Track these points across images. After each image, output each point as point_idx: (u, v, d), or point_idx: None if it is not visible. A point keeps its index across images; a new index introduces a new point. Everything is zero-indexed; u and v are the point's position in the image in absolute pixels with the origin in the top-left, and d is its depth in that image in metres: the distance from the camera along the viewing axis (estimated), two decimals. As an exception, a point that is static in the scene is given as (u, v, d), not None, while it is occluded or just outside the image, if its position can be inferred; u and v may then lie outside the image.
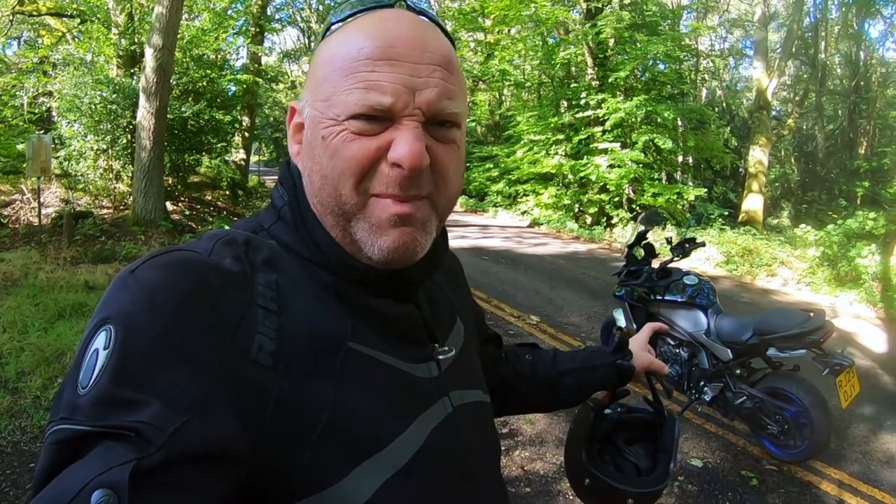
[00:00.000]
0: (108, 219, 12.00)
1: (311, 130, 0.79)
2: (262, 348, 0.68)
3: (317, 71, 0.80)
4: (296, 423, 0.68)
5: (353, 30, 0.78)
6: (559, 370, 1.37)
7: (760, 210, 19.31)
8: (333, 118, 0.75)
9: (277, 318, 0.72)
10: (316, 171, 0.78)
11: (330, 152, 0.75)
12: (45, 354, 5.24)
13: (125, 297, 0.64)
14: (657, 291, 5.06)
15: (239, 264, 0.73)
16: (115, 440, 0.55)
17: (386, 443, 0.75)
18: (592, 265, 12.27)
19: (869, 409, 5.50)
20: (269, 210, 0.88)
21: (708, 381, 4.64)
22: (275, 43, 34.99)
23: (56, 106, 13.43)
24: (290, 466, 0.67)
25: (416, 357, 0.86)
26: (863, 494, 4.17)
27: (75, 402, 0.58)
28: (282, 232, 0.83)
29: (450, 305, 1.03)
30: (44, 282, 7.55)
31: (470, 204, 25.40)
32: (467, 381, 0.97)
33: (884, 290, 10.47)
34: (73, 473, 0.53)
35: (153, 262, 0.68)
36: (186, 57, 16.06)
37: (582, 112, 18.97)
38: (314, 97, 0.79)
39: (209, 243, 0.75)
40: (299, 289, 0.77)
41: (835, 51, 29.74)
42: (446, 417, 0.86)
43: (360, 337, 0.78)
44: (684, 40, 19.86)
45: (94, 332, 0.62)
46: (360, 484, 0.71)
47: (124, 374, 0.58)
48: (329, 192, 0.77)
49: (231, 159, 20.53)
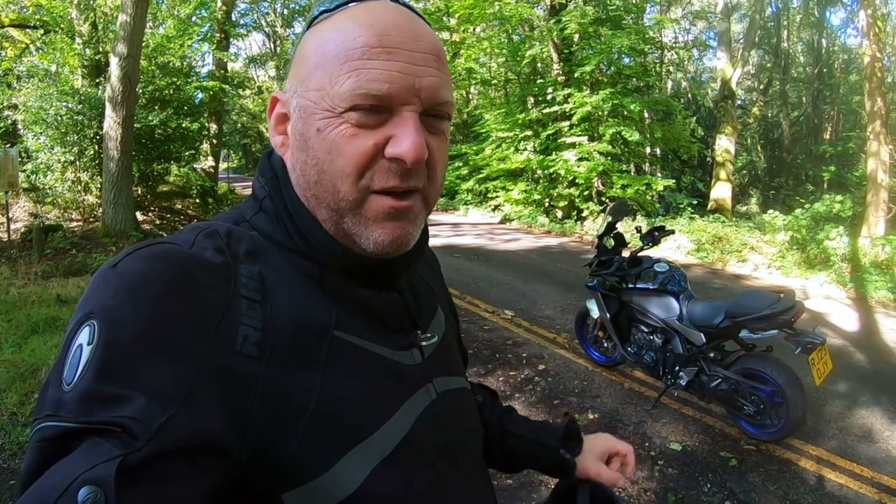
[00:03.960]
0: (78, 231, 11.88)
1: (303, 122, 0.77)
2: (248, 339, 0.68)
3: (306, 59, 0.78)
4: (283, 413, 0.68)
5: (346, 18, 0.76)
6: (504, 428, 1.25)
7: (729, 198, 19.56)
8: (329, 109, 0.74)
9: (262, 308, 0.71)
10: (311, 164, 0.77)
11: (327, 146, 0.74)
12: (20, 370, 5.13)
13: (107, 291, 0.63)
14: (629, 280, 5.08)
15: (221, 255, 0.72)
16: (101, 436, 0.54)
17: (373, 430, 0.75)
18: (564, 258, 12.32)
19: (844, 386, 5.56)
20: (250, 201, 0.87)
21: (683, 365, 4.67)
22: (240, 48, 34.75)
23: (21, 119, 13.18)
24: (278, 456, 0.67)
25: (401, 344, 0.86)
26: (841, 469, 4.20)
27: (60, 398, 0.57)
28: (262, 223, 0.82)
29: (430, 293, 1.03)
30: (15, 297, 7.42)
31: (441, 203, 25.34)
32: (450, 368, 0.98)
33: (853, 270, 10.63)
34: (60, 470, 0.52)
35: (135, 256, 0.67)
36: (152, 65, 15.90)
37: (549, 107, 19.02)
38: (304, 87, 0.77)
39: (191, 235, 0.74)
40: (283, 279, 0.76)
41: (797, 39, 30.26)
42: (431, 404, 0.86)
43: (345, 325, 0.78)
44: (648, 33, 19.94)
45: (78, 328, 0.61)
46: (349, 472, 0.71)
47: (109, 369, 0.57)
48: (326, 187, 0.76)
49: (200, 167, 20.31)
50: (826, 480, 4.06)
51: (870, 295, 9.60)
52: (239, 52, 29.75)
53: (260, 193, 0.85)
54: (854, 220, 15.13)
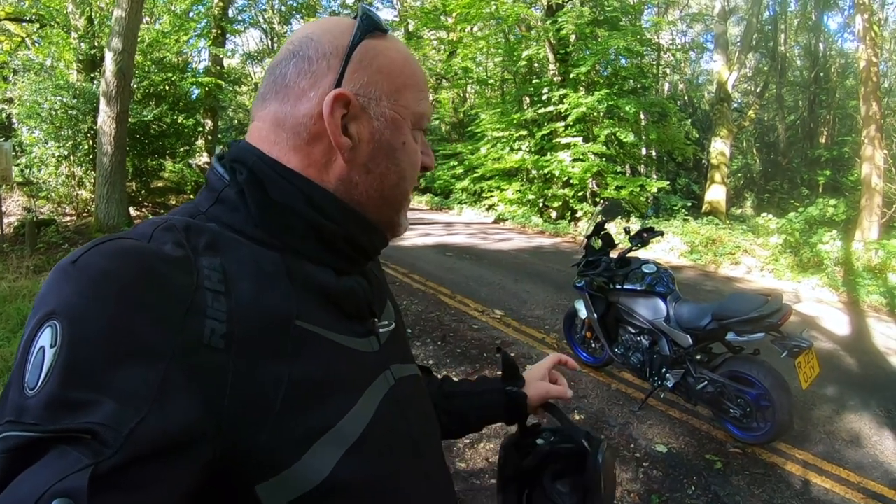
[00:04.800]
0: (71, 226, 11.88)
1: (392, 132, 0.85)
2: (214, 332, 0.66)
3: (394, 76, 0.86)
4: (253, 405, 0.67)
5: (406, 54, 0.90)
6: (444, 392, 1.29)
7: (723, 200, 19.55)
8: (412, 126, 0.88)
9: (226, 300, 0.70)
10: (394, 171, 0.87)
11: (410, 158, 0.89)
12: (8, 364, 5.14)
13: (68, 288, 0.61)
14: (616, 281, 5.06)
15: (181, 249, 0.71)
16: (70, 444, 0.52)
17: (339, 418, 0.76)
18: (557, 259, 12.28)
19: (832, 390, 5.54)
20: (206, 193, 0.85)
21: (669, 367, 4.65)
22: (237, 45, 34.61)
23: (16, 112, 13.22)
24: (250, 448, 0.66)
25: (359, 332, 0.87)
26: (828, 473, 4.18)
27: (23, 404, 0.55)
28: (221, 213, 0.80)
29: (380, 283, 1.05)
30: (6, 291, 7.39)
31: (435, 202, 25.47)
32: (404, 355, 1.01)
33: (845, 274, 10.62)
34: (27, 482, 0.50)
35: (95, 251, 0.65)
36: (147, 60, 15.89)
37: (544, 108, 19.01)
38: (394, 100, 0.85)
39: (148, 229, 0.73)
40: (244, 270, 0.75)
41: (794, 43, 30.31)
42: (390, 390, 0.89)
43: (307, 314, 0.78)
44: (645, 35, 19.98)
45: (39, 329, 0.59)
46: (318, 461, 0.72)
47: (74, 372, 0.56)
48: (402, 191, 0.90)
49: (195, 163, 20.30)
50: (812, 485, 4.04)
51: (862, 299, 9.57)
52: (236, 48, 29.58)
53: (217, 185, 0.83)
54: (848, 224, 15.14)
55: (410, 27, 28.01)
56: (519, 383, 1.33)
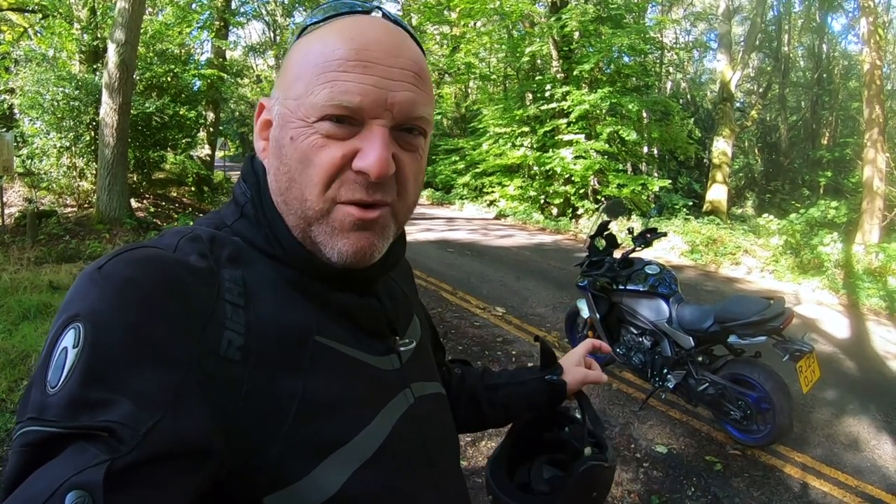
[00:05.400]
0: (73, 217, 11.81)
1: (281, 129, 0.79)
2: (231, 343, 0.68)
3: (289, 70, 0.80)
4: (266, 417, 0.68)
5: (329, 32, 0.78)
6: (486, 384, 1.32)
7: (724, 200, 19.57)
8: (303, 118, 0.75)
9: (245, 313, 0.71)
10: (283, 171, 0.78)
11: (298, 155, 0.76)
12: (9, 356, 5.10)
13: (93, 293, 0.62)
14: (619, 281, 5.06)
15: (204, 260, 0.72)
16: (88, 441, 0.54)
17: (353, 435, 0.76)
18: (558, 256, 12.29)
19: (832, 394, 5.55)
20: (231, 206, 0.87)
21: (671, 368, 4.66)
22: (240, 37, 34.58)
23: (18, 103, 13.15)
24: (261, 460, 0.67)
25: (379, 349, 0.87)
26: (826, 477, 4.19)
27: (45, 402, 0.57)
28: (244, 228, 0.82)
29: (406, 301, 1.04)
30: (7, 283, 7.35)
31: (436, 197, 25.41)
32: (426, 373, 0.99)
33: (846, 276, 10.64)
34: (46, 475, 0.52)
35: (120, 259, 0.66)
36: (150, 52, 15.79)
37: (547, 104, 18.99)
38: (285, 95, 0.79)
39: (173, 239, 0.74)
40: (264, 284, 0.76)
41: (798, 43, 30.25)
42: (408, 409, 0.88)
43: (326, 331, 0.79)
44: (649, 33, 19.93)
45: (62, 330, 0.61)
46: (328, 476, 0.72)
47: (95, 373, 0.57)
48: (295, 195, 0.77)
49: (196, 155, 20.27)
50: (810, 488, 4.05)
51: (862, 302, 9.59)
52: (238, 40, 29.63)
53: (241, 199, 0.86)
54: (849, 226, 15.16)
55: (414, 21, 27.96)
56: (557, 371, 1.35)
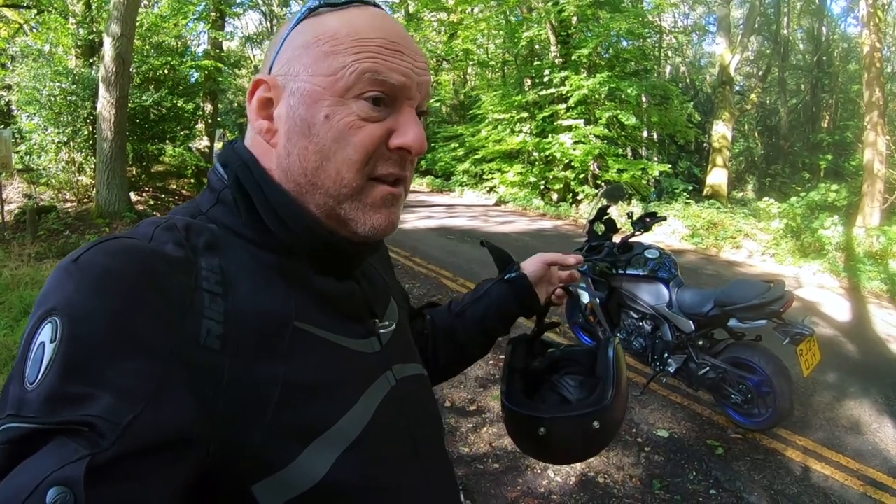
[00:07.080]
0: (72, 212, 11.84)
1: (307, 107, 0.78)
2: (211, 332, 0.67)
3: (314, 45, 0.79)
4: (248, 405, 0.68)
5: (358, 17, 0.80)
6: (455, 313, 1.31)
7: (725, 184, 19.52)
8: (338, 95, 0.76)
9: (223, 301, 0.71)
10: (313, 150, 0.78)
11: (335, 134, 0.77)
12: (11, 353, 5.14)
13: (69, 286, 0.62)
14: (619, 266, 5.04)
15: (181, 249, 0.71)
16: (68, 436, 0.53)
17: (337, 418, 0.76)
18: (558, 242, 12.28)
19: (833, 377, 5.55)
20: (207, 193, 0.86)
21: (671, 352, 4.66)
22: (236, 28, 34.44)
23: (15, 99, 13.16)
24: (245, 448, 0.67)
25: (359, 333, 0.88)
26: (827, 460, 4.20)
27: (23, 398, 0.56)
28: (221, 214, 0.81)
29: (383, 283, 1.05)
30: (8, 279, 7.35)
31: (436, 184, 25.42)
32: (406, 354, 1.00)
33: (847, 260, 10.63)
34: (26, 471, 0.51)
35: (97, 250, 0.66)
36: (146, 44, 15.74)
37: (546, 90, 18.93)
38: (311, 72, 0.78)
39: (149, 229, 0.74)
40: (243, 271, 0.76)
41: (797, 26, 30.14)
42: (391, 391, 0.88)
43: (305, 315, 0.78)
44: (647, 17, 19.87)
45: (39, 325, 0.60)
46: (314, 461, 0.72)
47: (73, 367, 0.56)
48: (329, 174, 0.78)
49: (195, 147, 20.24)
50: (812, 471, 4.06)
51: (863, 285, 9.59)
52: (235, 31, 29.51)
53: (217, 185, 0.85)
54: (849, 209, 15.13)
55: (411, 8, 27.82)
56: (514, 268, 1.34)
